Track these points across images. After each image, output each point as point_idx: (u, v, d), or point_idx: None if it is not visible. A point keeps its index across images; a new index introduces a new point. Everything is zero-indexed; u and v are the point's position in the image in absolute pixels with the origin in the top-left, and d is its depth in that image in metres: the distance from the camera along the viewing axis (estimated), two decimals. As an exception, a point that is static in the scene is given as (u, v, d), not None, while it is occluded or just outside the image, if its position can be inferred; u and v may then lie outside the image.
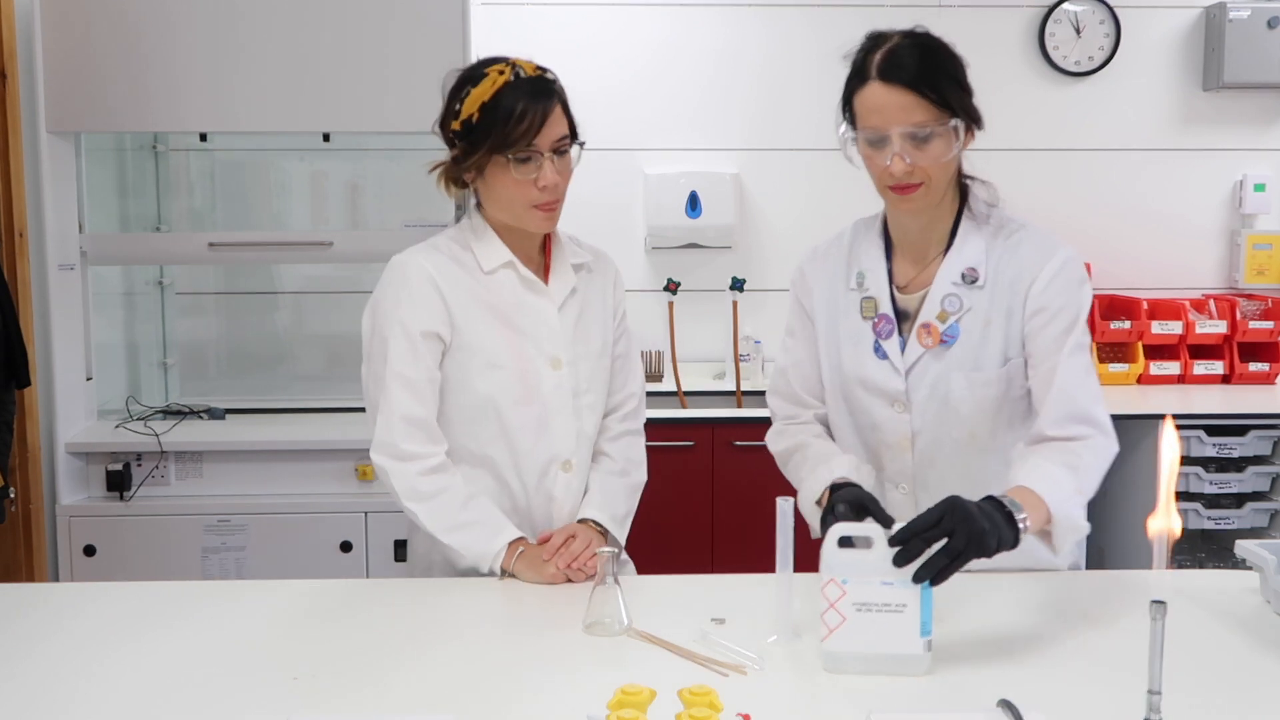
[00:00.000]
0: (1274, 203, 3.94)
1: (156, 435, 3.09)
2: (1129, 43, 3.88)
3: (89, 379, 3.23)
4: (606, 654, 1.51)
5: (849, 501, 1.63)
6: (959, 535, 1.42)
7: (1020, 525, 1.51)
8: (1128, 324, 3.65)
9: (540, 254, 1.95)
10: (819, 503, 1.78)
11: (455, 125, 1.81)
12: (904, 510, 1.83)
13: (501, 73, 1.78)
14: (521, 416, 1.89)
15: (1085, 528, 1.64)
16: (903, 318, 1.82)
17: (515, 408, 1.88)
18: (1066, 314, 1.74)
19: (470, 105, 1.78)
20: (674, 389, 3.63)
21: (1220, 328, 3.67)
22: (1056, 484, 1.61)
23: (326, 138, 3.16)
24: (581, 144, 1.87)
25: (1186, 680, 1.38)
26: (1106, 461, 1.71)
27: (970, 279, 1.78)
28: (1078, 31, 3.86)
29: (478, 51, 3.19)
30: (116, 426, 3.16)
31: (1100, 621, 1.62)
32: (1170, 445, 1.19)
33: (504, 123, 1.75)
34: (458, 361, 1.88)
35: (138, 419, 3.25)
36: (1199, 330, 3.66)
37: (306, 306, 3.76)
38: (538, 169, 1.79)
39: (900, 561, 1.40)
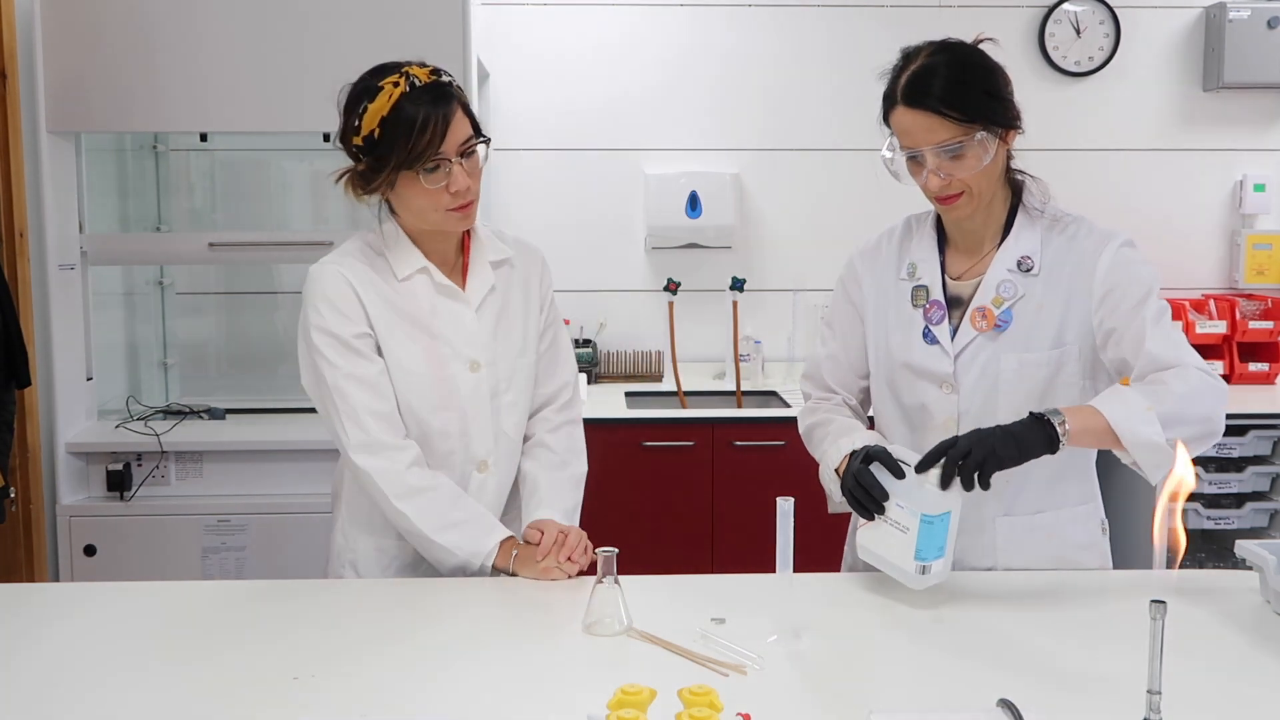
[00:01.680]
0: (1274, 203, 3.94)
1: (157, 435, 3.09)
2: (1129, 43, 3.88)
3: (89, 379, 3.23)
4: (606, 654, 1.51)
5: (869, 453, 1.72)
6: (974, 454, 1.59)
7: (1059, 430, 1.61)
8: (1128, 324, 3.65)
9: (458, 254, 1.93)
10: (838, 471, 1.82)
11: (356, 140, 1.77)
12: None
13: (396, 84, 1.73)
14: (440, 421, 1.88)
15: (1158, 441, 1.61)
16: (954, 304, 1.86)
17: (433, 413, 1.87)
18: (1137, 287, 1.77)
19: (370, 120, 1.73)
20: (674, 389, 3.63)
21: (1220, 328, 3.67)
22: (1121, 401, 1.65)
23: (326, 138, 3.16)
24: (487, 140, 1.82)
25: (1186, 680, 1.38)
26: (1202, 389, 1.67)
27: (1025, 267, 1.82)
28: (1078, 31, 3.86)
29: (478, 51, 3.20)
30: (117, 426, 3.17)
31: (1100, 621, 1.62)
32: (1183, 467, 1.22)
33: (406, 136, 1.72)
34: None
35: (138, 419, 3.25)
36: (1199, 330, 3.66)
37: (306, 306, 3.76)
38: (447, 175, 1.76)
39: (922, 468, 1.63)
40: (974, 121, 1.72)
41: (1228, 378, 3.67)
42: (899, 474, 1.67)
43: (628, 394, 3.64)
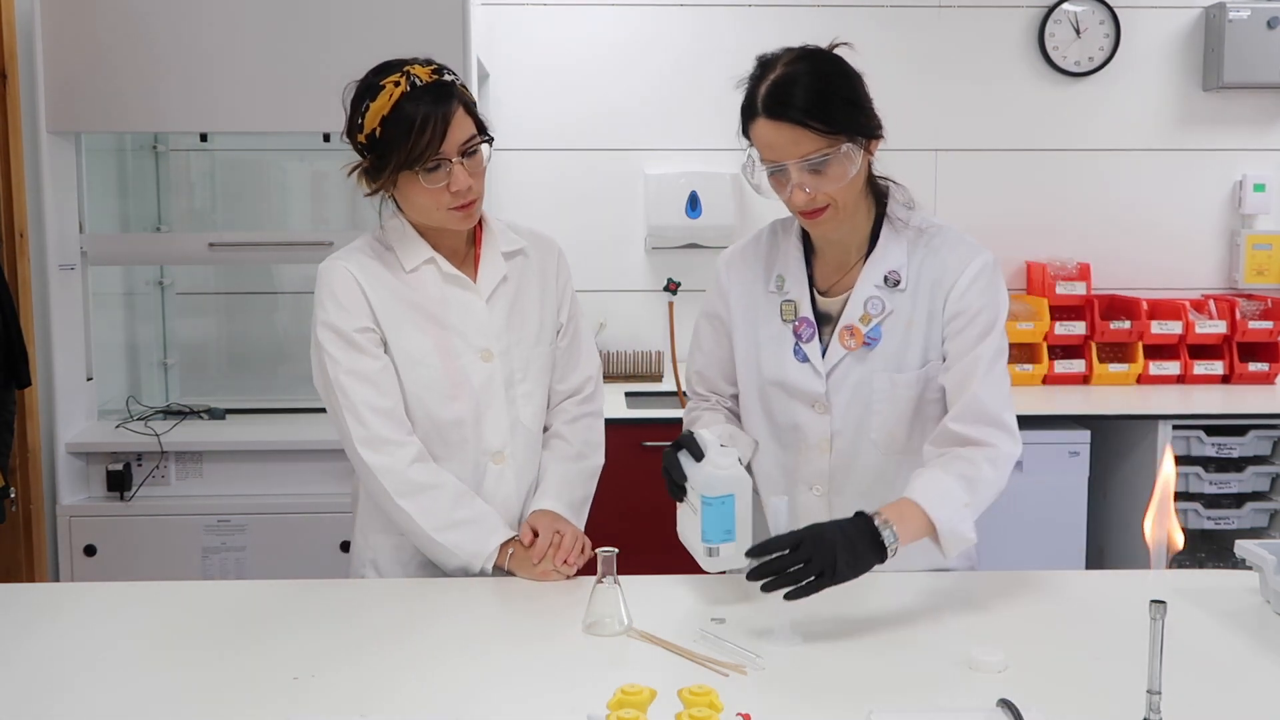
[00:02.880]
0: (1274, 203, 3.94)
1: (157, 435, 3.09)
2: (1129, 43, 3.88)
3: (89, 379, 3.23)
4: (606, 654, 1.51)
5: (679, 438, 1.71)
6: (814, 564, 1.50)
7: (889, 550, 1.56)
8: (1127, 324, 3.65)
9: (469, 245, 1.93)
10: None
11: (360, 138, 1.78)
12: (816, 513, 1.83)
13: (397, 84, 1.73)
14: (452, 412, 1.87)
15: (971, 539, 1.66)
16: (823, 321, 1.83)
17: (445, 404, 1.87)
18: (984, 317, 1.75)
19: (371, 120, 1.74)
20: (674, 389, 3.63)
21: (1220, 328, 3.67)
22: (945, 496, 1.64)
23: (326, 138, 3.16)
24: (490, 140, 1.81)
25: (1186, 680, 1.38)
26: (1007, 471, 1.72)
27: (892, 282, 1.78)
28: (1078, 32, 3.86)
29: (478, 52, 3.20)
30: (117, 426, 3.17)
31: (1100, 621, 1.62)
32: (1167, 465, 1.22)
33: (405, 136, 1.72)
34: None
35: (138, 419, 3.25)
36: (1199, 330, 3.66)
37: (306, 306, 3.73)
38: (448, 175, 1.75)
39: (754, 577, 1.53)
40: (839, 133, 1.66)
41: (1227, 378, 3.68)
42: (699, 456, 1.64)
43: (628, 394, 3.64)
